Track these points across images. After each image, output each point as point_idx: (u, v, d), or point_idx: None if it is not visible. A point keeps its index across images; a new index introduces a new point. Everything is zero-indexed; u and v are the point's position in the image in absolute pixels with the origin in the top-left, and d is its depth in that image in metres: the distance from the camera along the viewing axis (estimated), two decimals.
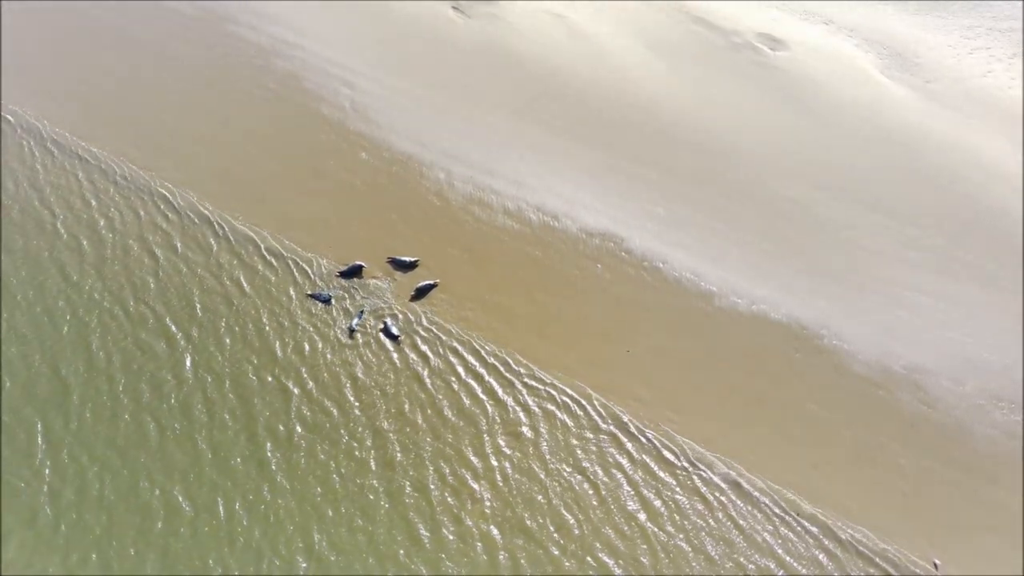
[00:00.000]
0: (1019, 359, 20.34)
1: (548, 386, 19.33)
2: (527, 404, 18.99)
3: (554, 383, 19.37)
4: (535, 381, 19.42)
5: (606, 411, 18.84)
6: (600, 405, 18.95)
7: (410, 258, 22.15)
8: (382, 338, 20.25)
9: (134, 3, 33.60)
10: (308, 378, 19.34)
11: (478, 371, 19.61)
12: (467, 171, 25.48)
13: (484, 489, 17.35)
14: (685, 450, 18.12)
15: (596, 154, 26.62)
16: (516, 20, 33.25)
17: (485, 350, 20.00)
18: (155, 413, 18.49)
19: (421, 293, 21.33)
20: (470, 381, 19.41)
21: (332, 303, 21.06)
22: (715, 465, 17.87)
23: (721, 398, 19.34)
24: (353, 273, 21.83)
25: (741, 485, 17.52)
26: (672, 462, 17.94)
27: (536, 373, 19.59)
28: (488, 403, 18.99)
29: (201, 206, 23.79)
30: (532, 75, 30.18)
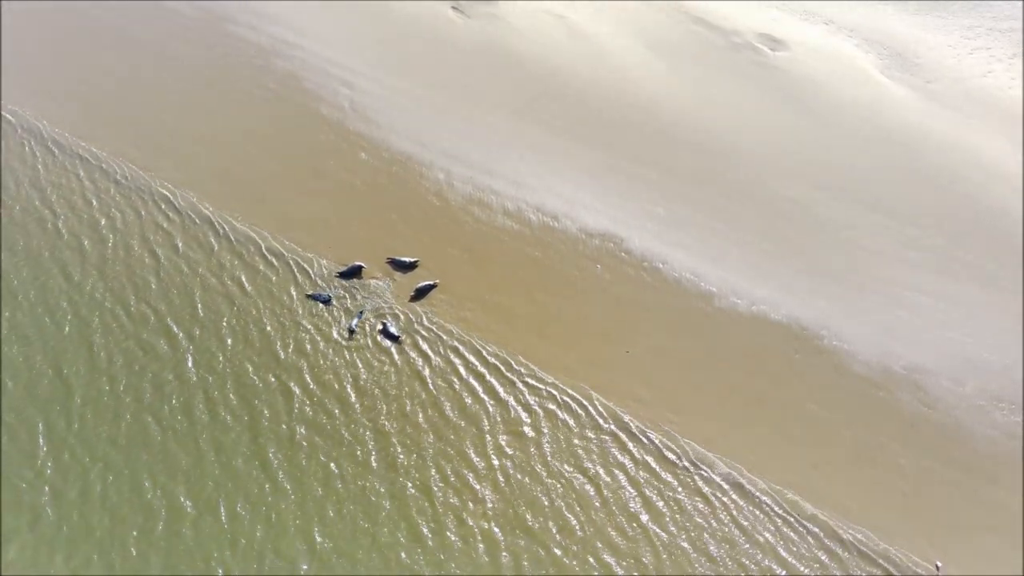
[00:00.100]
0: (1019, 359, 20.34)
1: (549, 386, 19.34)
2: (528, 404, 18.99)
3: (555, 383, 19.38)
4: (536, 381, 19.43)
5: (607, 411, 18.84)
6: (601, 405, 18.96)
7: (410, 259, 22.14)
8: (381, 339, 20.27)
9: (134, 3, 33.60)
10: (310, 378, 19.34)
11: (479, 371, 19.62)
12: (467, 171, 25.47)
13: (486, 489, 17.36)
14: (687, 450, 18.12)
15: (596, 154, 26.61)
16: (516, 20, 33.24)
17: (486, 350, 20.00)
18: (157, 413, 18.50)
19: (421, 293, 21.33)
20: (471, 381, 19.42)
21: (332, 303, 21.06)
22: (716, 465, 17.87)
23: (721, 398, 19.34)
24: (353, 274, 21.82)
25: (743, 485, 17.52)
26: (674, 462, 17.95)
27: (537, 373, 19.60)
28: (489, 403, 19.00)
29: (202, 206, 23.80)
30: (532, 75, 30.18)
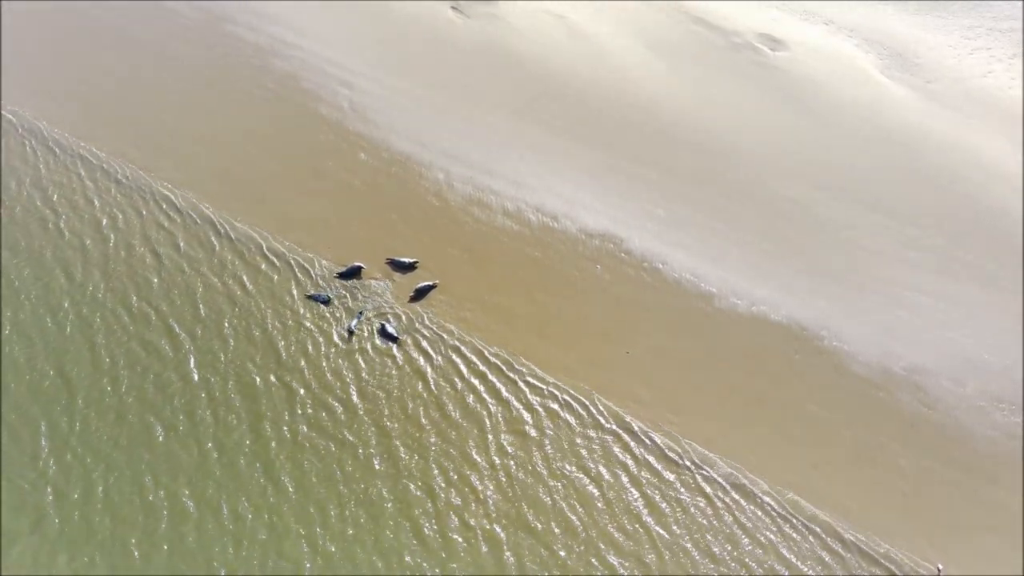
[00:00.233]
0: (1019, 360, 20.33)
1: (550, 386, 19.34)
2: (530, 403, 18.99)
3: (556, 383, 19.38)
4: (537, 380, 19.43)
5: (608, 411, 18.84)
6: (602, 405, 18.96)
7: (409, 259, 22.12)
8: (380, 339, 20.24)
9: (134, 3, 33.59)
10: (312, 378, 19.33)
11: (481, 370, 19.63)
12: (467, 171, 25.46)
13: (489, 488, 17.35)
14: (688, 450, 18.12)
15: (596, 154, 26.60)
16: (516, 20, 33.23)
17: (488, 350, 20.00)
18: (160, 413, 18.47)
19: (420, 294, 21.31)
20: (473, 380, 19.42)
21: (331, 303, 21.04)
22: (718, 465, 17.87)
23: (721, 398, 19.33)
24: (352, 274, 21.81)
25: (744, 485, 17.51)
26: (676, 462, 17.94)
27: (538, 373, 19.60)
28: (491, 402, 19.00)
29: (202, 206, 23.79)
30: (532, 75, 30.17)
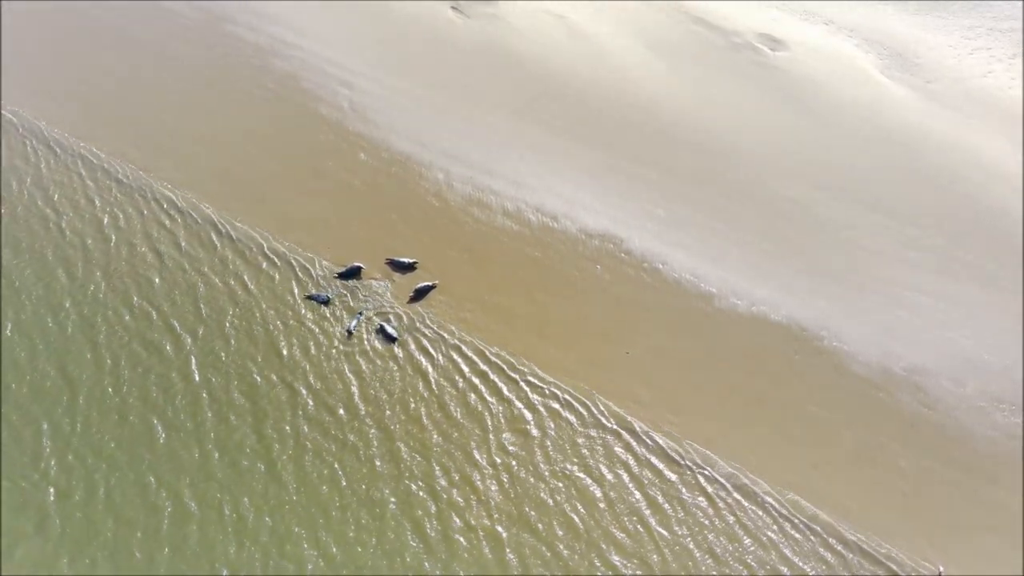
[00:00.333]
0: (1019, 360, 20.31)
1: (551, 385, 19.34)
2: (532, 402, 18.99)
3: (556, 383, 19.38)
4: (538, 380, 19.43)
5: (608, 410, 18.83)
6: (603, 404, 18.95)
7: (409, 259, 22.11)
8: (379, 339, 20.23)
9: (134, 3, 33.58)
10: (314, 378, 19.32)
11: (482, 368, 19.63)
12: (467, 171, 25.45)
13: (491, 488, 17.36)
14: (689, 450, 18.12)
15: (596, 154, 26.59)
16: (516, 20, 33.22)
17: (489, 350, 19.99)
18: (162, 413, 18.45)
19: (420, 294, 21.29)
20: (474, 379, 19.42)
21: (332, 304, 21.03)
22: (719, 465, 17.86)
23: (721, 399, 19.32)
24: (352, 274, 21.80)
25: (745, 485, 17.50)
26: (677, 461, 17.94)
27: (538, 372, 19.59)
28: (493, 401, 19.00)
29: (202, 206, 23.79)
30: (532, 75, 30.16)
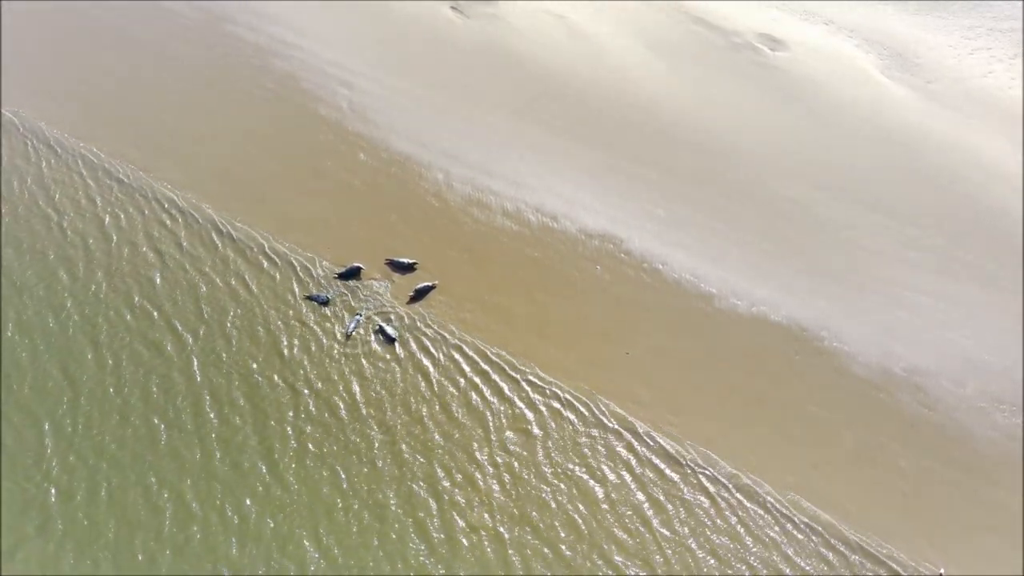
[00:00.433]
0: (1019, 360, 20.30)
1: (552, 385, 19.34)
2: (533, 401, 18.99)
3: (557, 383, 19.37)
4: (539, 380, 19.43)
5: (609, 410, 18.82)
6: (604, 404, 18.94)
7: (408, 260, 22.10)
8: (378, 339, 20.22)
9: (134, 3, 33.57)
10: (316, 378, 19.31)
11: (483, 368, 19.63)
12: (466, 171, 25.44)
13: (494, 488, 17.36)
14: (690, 450, 18.11)
15: (596, 154, 26.58)
16: (516, 20, 33.21)
17: (490, 350, 19.99)
18: (164, 413, 18.43)
19: (420, 295, 21.28)
20: (476, 379, 19.41)
21: (331, 304, 21.02)
22: (720, 465, 17.85)
23: (721, 399, 19.31)
24: (351, 275, 21.78)
25: (747, 485, 17.49)
26: (679, 461, 17.93)
27: (539, 372, 19.58)
28: (494, 401, 19.00)
29: (203, 205, 23.78)
30: (532, 75, 30.15)
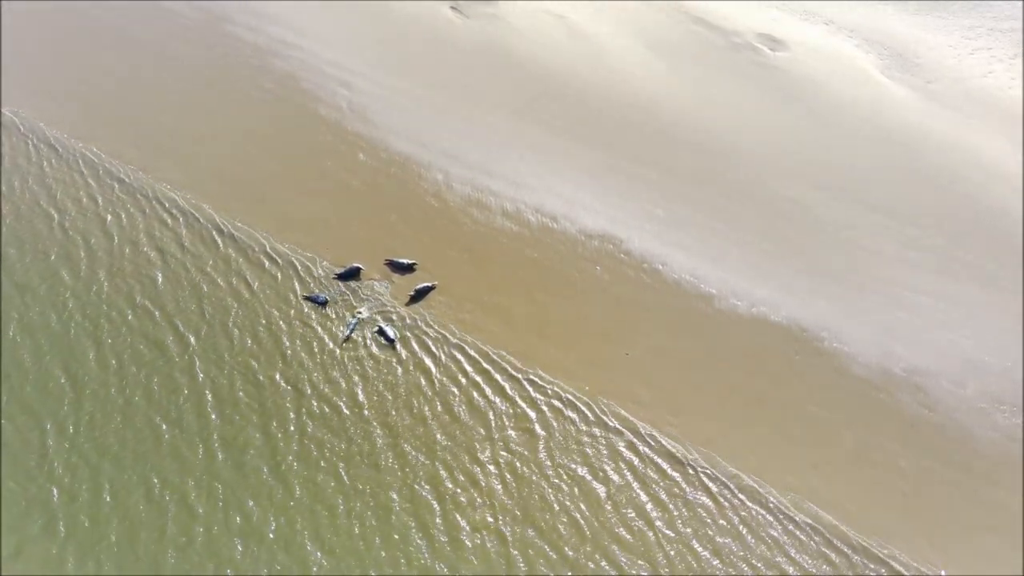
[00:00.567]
0: (1019, 361, 20.29)
1: (553, 384, 19.33)
2: (535, 401, 18.99)
3: (557, 383, 19.37)
4: (540, 379, 19.42)
5: (610, 410, 18.82)
6: (605, 404, 18.94)
7: (408, 260, 22.08)
8: (373, 343, 20.19)
9: (134, 3, 33.58)
10: (318, 377, 19.30)
11: (484, 367, 19.62)
12: (466, 172, 25.43)
13: (496, 487, 17.35)
14: (691, 450, 18.11)
15: (596, 154, 26.58)
16: (516, 20, 33.21)
17: (491, 351, 19.98)
18: (166, 413, 18.41)
19: (420, 295, 21.26)
20: (477, 378, 19.38)
21: (330, 304, 21.01)
22: (721, 465, 17.84)
23: (721, 399, 19.30)
24: (351, 275, 21.76)
25: (749, 485, 17.48)
26: (680, 461, 17.92)
27: (540, 372, 19.58)
28: (496, 400, 18.99)
29: (203, 205, 23.78)
30: (532, 75, 30.15)
